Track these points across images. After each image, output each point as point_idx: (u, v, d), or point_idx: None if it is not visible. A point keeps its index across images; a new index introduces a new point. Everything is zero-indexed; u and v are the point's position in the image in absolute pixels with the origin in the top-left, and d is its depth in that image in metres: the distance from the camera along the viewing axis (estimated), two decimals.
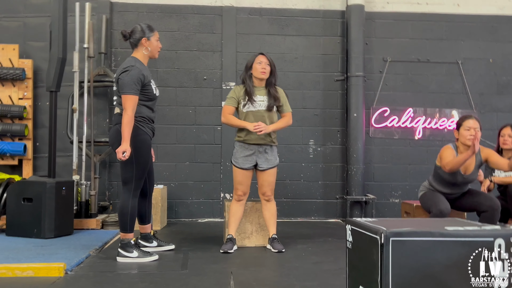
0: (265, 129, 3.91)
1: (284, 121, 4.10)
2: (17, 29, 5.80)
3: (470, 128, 3.85)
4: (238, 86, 4.12)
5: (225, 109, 4.07)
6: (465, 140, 3.87)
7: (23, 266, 3.25)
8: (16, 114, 5.48)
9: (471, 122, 3.88)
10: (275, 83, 4.12)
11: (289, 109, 4.15)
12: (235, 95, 4.06)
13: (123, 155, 3.45)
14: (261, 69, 4.00)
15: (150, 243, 4.03)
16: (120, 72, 3.61)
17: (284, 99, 4.13)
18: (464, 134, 3.88)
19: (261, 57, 4.05)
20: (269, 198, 4.14)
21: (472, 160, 3.95)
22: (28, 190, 4.57)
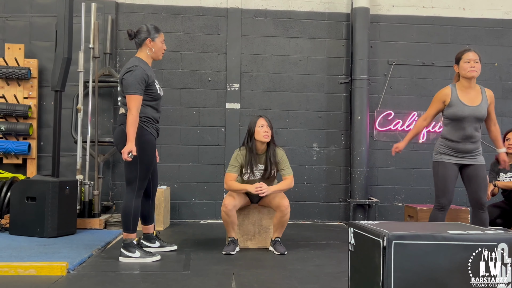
0: (267, 191, 3.99)
1: (286, 184, 4.16)
2: (23, 28, 5.83)
3: (470, 60, 3.76)
4: (240, 153, 4.15)
5: (227, 177, 4.14)
6: (466, 73, 3.75)
7: (26, 265, 3.26)
8: (21, 113, 5.50)
9: (470, 54, 3.78)
10: (274, 143, 4.17)
11: (291, 173, 4.20)
12: (237, 164, 4.14)
13: (129, 155, 3.46)
14: (263, 133, 4.06)
15: (153, 244, 4.03)
16: (124, 72, 3.62)
17: (284, 162, 4.18)
18: (464, 66, 3.77)
19: (261, 120, 4.10)
20: (287, 209, 4.08)
21: (477, 93, 3.81)
22: (31, 189, 4.58)
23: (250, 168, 4.10)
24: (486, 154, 5.91)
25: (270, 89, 6.09)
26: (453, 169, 3.81)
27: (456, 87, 3.83)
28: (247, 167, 4.12)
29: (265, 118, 4.13)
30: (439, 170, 3.85)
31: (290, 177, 4.17)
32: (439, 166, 3.87)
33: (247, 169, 4.13)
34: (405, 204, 5.60)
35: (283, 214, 4.08)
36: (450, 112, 3.79)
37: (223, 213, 4.06)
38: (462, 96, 3.77)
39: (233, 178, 4.13)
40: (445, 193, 3.80)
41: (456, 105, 3.76)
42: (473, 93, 3.80)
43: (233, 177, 4.13)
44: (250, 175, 4.13)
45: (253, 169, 4.11)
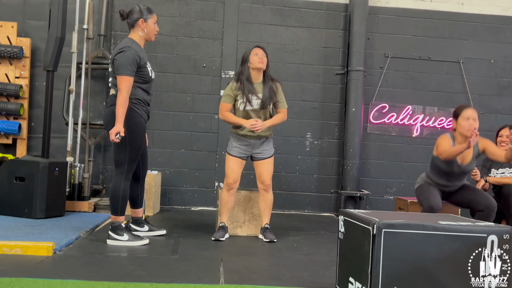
0: (262, 127, 3.92)
1: (280, 117, 4.10)
2: (17, 6, 5.74)
3: (469, 118, 3.79)
4: (234, 82, 4.07)
5: (222, 106, 4.06)
6: (463, 131, 3.80)
7: (12, 244, 3.22)
8: (12, 92, 5.43)
9: (469, 111, 3.82)
10: (271, 75, 4.10)
11: (285, 105, 4.14)
12: (231, 92, 4.04)
13: (116, 136, 3.41)
14: (258, 59, 3.98)
15: (141, 228, 4.00)
16: (115, 53, 3.56)
17: (281, 94, 4.12)
18: (462, 124, 3.82)
19: (257, 49, 4.03)
20: (268, 187, 4.10)
21: (470, 150, 3.89)
22: (20, 169, 4.53)
23: (247, 96, 3.96)
24: None
25: None
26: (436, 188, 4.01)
27: (454, 141, 3.94)
28: (242, 96, 3.98)
29: (261, 47, 4.03)
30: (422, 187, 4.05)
31: (284, 110, 4.11)
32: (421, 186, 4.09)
33: (243, 98, 3.97)
34: (396, 197, 5.59)
35: (265, 193, 4.08)
36: (442, 165, 3.92)
37: (225, 191, 4.05)
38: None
39: (228, 108, 4.03)
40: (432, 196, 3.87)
41: (449, 161, 3.87)
42: (466, 150, 3.87)
43: (228, 107, 4.03)
44: (247, 104, 3.98)
45: (250, 98, 3.96)
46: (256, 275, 2.96)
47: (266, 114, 4.08)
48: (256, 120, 3.92)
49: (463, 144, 3.73)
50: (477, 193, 3.97)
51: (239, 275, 2.92)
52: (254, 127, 3.89)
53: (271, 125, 4.05)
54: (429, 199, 3.83)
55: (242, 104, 4.00)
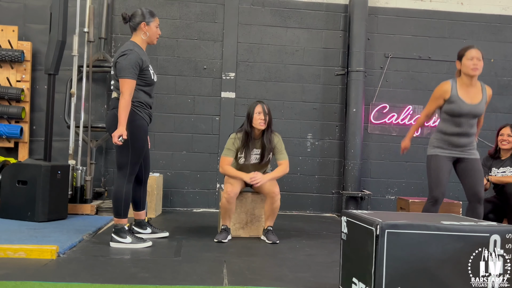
0: (261, 181, 3.98)
1: (281, 170, 4.15)
2: (17, 10, 5.75)
3: (473, 58, 3.73)
4: (237, 137, 4.13)
5: (223, 161, 4.13)
6: (468, 70, 3.71)
7: (15, 247, 3.23)
8: (14, 96, 5.44)
9: (474, 51, 3.74)
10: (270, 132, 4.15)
11: (286, 158, 4.18)
12: (233, 147, 4.12)
13: (119, 139, 3.42)
14: (259, 120, 4.05)
15: (144, 230, 4.01)
16: (118, 56, 3.57)
17: (280, 147, 4.17)
18: (467, 64, 3.74)
19: (259, 107, 4.08)
20: (277, 196, 4.08)
21: (478, 90, 3.80)
22: (23, 172, 4.54)
23: (245, 153, 4.09)
24: (479, 149, 5.95)
25: (266, 79, 6.06)
26: (446, 163, 3.81)
27: (456, 83, 3.80)
28: (242, 151, 4.11)
29: (263, 105, 4.10)
30: (432, 163, 3.85)
31: (285, 162, 4.15)
32: (432, 159, 3.86)
33: (242, 154, 4.11)
34: (398, 197, 5.60)
35: (273, 200, 4.07)
36: (448, 108, 3.78)
37: (224, 200, 4.04)
38: (462, 93, 3.76)
39: (229, 162, 4.11)
40: (438, 186, 3.79)
41: (455, 102, 3.74)
42: (473, 91, 3.79)
43: (229, 161, 4.11)
44: (246, 159, 4.12)
45: (249, 154, 4.11)
46: (259, 276, 2.97)
47: (264, 167, 4.25)
48: (256, 173, 4.01)
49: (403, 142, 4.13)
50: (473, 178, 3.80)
51: (242, 277, 2.93)
52: (253, 180, 3.97)
53: (272, 179, 4.09)
54: (434, 189, 3.77)
55: (241, 159, 4.14)
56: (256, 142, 4.14)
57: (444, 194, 3.80)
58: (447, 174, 3.83)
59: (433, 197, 3.79)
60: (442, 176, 3.80)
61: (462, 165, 3.83)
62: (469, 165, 3.81)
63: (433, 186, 3.81)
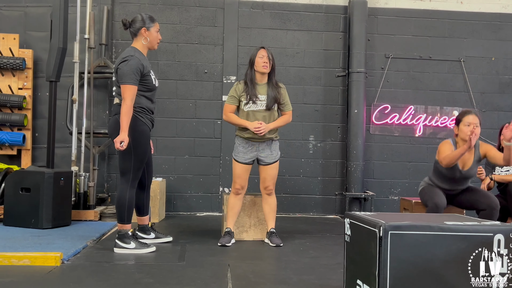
0: (266, 129, 3.94)
1: (284, 119, 4.13)
2: (18, 18, 5.78)
3: (470, 124, 3.82)
4: (239, 83, 4.10)
5: (226, 108, 4.09)
6: (465, 136, 3.84)
7: (20, 255, 3.24)
8: (16, 104, 5.46)
9: (471, 117, 3.85)
10: (275, 79, 4.11)
11: (290, 108, 4.17)
12: (236, 94, 4.06)
13: (120, 145, 3.43)
14: (262, 63, 4.01)
15: (148, 235, 4.02)
16: (119, 62, 3.59)
17: (285, 97, 4.13)
18: (463, 129, 3.85)
19: (262, 51, 4.05)
20: (271, 192, 4.15)
21: (471, 155, 3.93)
22: (26, 180, 4.55)
23: (250, 98, 3.99)
24: None
25: None
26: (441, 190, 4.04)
27: (455, 146, 3.96)
28: (246, 96, 4.01)
29: (266, 49, 4.05)
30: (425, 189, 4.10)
31: (289, 112, 4.14)
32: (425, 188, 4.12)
33: (247, 99, 4.01)
34: (401, 197, 5.59)
35: (267, 197, 4.12)
36: (443, 170, 3.95)
37: (233, 196, 4.07)
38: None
39: (232, 110, 4.06)
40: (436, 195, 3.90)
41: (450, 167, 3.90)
42: (467, 156, 3.91)
43: (232, 108, 4.06)
44: (251, 104, 4.02)
45: (253, 100, 4.00)
46: (263, 280, 2.97)
47: (271, 116, 4.08)
48: (260, 123, 3.94)
49: (463, 145, 3.75)
50: (478, 193, 3.98)
51: (246, 280, 2.93)
52: (257, 130, 3.91)
53: (275, 127, 4.06)
54: (434, 198, 3.85)
55: (246, 105, 4.03)
56: (260, 87, 4.04)
57: (444, 202, 3.86)
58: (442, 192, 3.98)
59: (434, 203, 3.81)
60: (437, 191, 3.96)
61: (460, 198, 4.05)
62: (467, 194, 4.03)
63: (431, 196, 3.93)
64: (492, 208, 3.85)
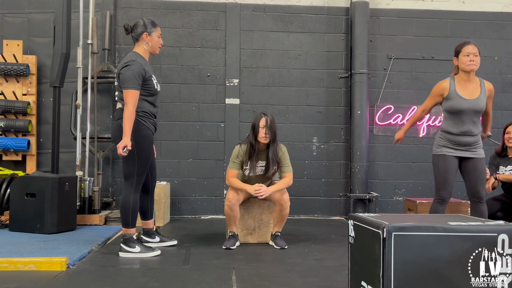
0: (266, 193, 3.98)
1: (285, 182, 4.14)
2: (21, 25, 5.82)
3: (470, 54, 3.73)
4: (241, 149, 4.13)
5: (228, 173, 4.14)
6: (464, 66, 3.73)
7: (26, 260, 3.26)
8: (20, 110, 5.49)
9: (470, 47, 3.76)
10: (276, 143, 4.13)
11: (290, 170, 4.18)
12: (238, 160, 4.13)
13: (123, 150, 3.45)
14: (263, 135, 4.04)
15: (153, 239, 4.03)
16: (121, 67, 3.61)
17: (285, 159, 4.16)
18: (463, 59, 3.76)
19: (263, 121, 4.05)
20: (287, 203, 4.09)
21: (476, 86, 3.80)
22: (31, 185, 4.57)
23: (250, 164, 4.10)
24: (486, 147, 5.91)
25: (269, 84, 6.07)
26: (453, 162, 3.80)
27: (454, 80, 3.81)
28: (247, 163, 4.12)
29: (267, 119, 4.05)
30: (440, 163, 3.84)
31: (289, 175, 4.16)
32: (439, 159, 3.85)
33: (247, 165, 4.12)
34: (405, 198, 5.59)
35: (283, 208, 4.08)
36: (448, 106, 3.79)
37: (227, 207, 4.05)
38: (460, 89, 3.76)
39: (234, 175, 4.13)
40: (445, 186, 3.79)
41: (454, 98, 3.75)
42: (472, 86, 3.79)
43: (234, 173, 4.13)
44: (251, 171, 4.12)
45: (254, 166, 4.11)
46: (268, 282, 2.97)
47: (271, 178, 4.24)
48: (260, 185, 4.01)
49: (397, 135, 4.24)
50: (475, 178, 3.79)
51: (251, 283, 2.94)
52: (257, 193, 3.97)
53: (275, 191, 4.07)
54: (441, 190, 3.78)
55: (247, 170, 4.14)
56: (261, 154, 4.14)
57: (451, 194, 3.81)
58: (454, 174, 3.83)
59: (440, 197, 3.79)
60: (449, 176, 3.80)
61: (466, 164, 3.83)
62: (472, 165, 3.81)
63: (440, 186, 3.81)
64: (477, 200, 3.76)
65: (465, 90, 3.76)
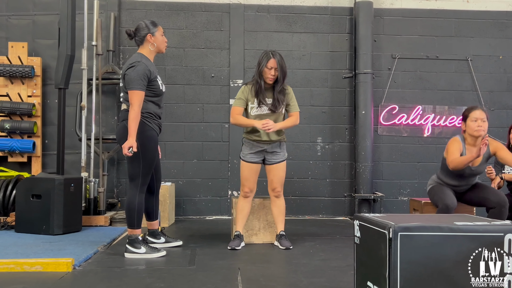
0: (273, 127, 3.92)
1: (291, 121, 4.12)
2: (26, 27, 5.84)
3: (477, 119, 3.80)
4: (246, 86, 4.11)
5: (233, 110, 4.10)
6: (472, 132, 3.82)
7: (32, 261, 3.27)
8: (25, 111, 5.51)
9: (477, 113, 3.83)
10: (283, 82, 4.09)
11: (297, 109, 4.16)
12: (243, 96, 4.08)
13: (129, 150, 3.46)
14: (270, 76, 4.01)
15: (158, 239, 4.04)
16: (126, 68, 3.62)
17: (292, 98, 4.13)
18: (470, 125, 3.83)
19: (272, 62, 4.01)
20: (279, 194, 4.14)
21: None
22: (37, 186, 4.59)
23: (258, 101, 4.02)
24: None
25: None
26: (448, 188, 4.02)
27: (464, 142, 3.96)
28: (254, 101, 4.04)
29: (276, 60, 3.99)
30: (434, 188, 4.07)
31: (296, 113, 4.13)
32: (433, 188, 4.09)
33: (254, 103, 4.05)
34: (410, 198, 5.57)
35: (276, 199, 4.12)
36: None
37: (242, 199, 4.08)
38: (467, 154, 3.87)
39: (239, 112, 4.07)
40: (446, 195, 3.86)
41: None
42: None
43: (240, 110, 4.07)
44: (258, 109, 4.05)
45: (261, 103, 4.02)
46: (273, 283, 2.97)
47: (278, 119, 4.09)
48: (267, 120, 3.93)
49: (472, 153, 3.72)
50: (487, 190, 3.96)
51: (257, 284, 2.94)
52: (265, 126, 3.89)
53: (283, 127, 4.06)
54: (444, 198, 3.83)
55: (253, 108, 4.06)
56: (267, 92, 4.06)
57: (454, 203, 3.84)
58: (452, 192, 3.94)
59: (445, 204, 3.79)
60: (447, 191, 3.92)
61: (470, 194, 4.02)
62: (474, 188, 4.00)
63: (441, 197, 3.89)
64: (501, 206, 3.81)
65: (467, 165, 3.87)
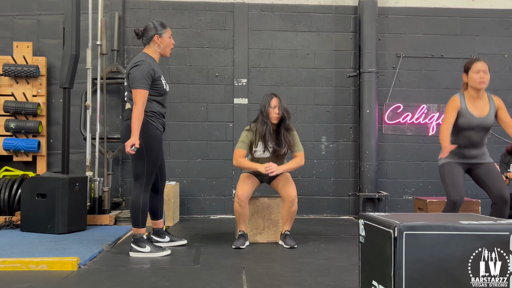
0: (277, 171, 3.96)
1: (296, 161, 4.13)
2: (31, 26, 5.86)
3: (480, 71, 3.72)
4: (251, 130, 4.11)
5: (236, 153, 4.11)
6: (475, 83, 3.73)
7: (37, 260, 3.28)
8: (30, 111, 5.53)
9: (480, 64, 3.75)
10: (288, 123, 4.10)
11: (301, 149, 4.17)
12: (247, 140, 4.10)
13: (131, 148, 3.46)
14: (274, 115, 4.03)
15: (163, 238, 4.04)
16: (130, 67, 3.63)
17: (296, 139, 4.16)
18: (473, 77, 3.75)
19: (274, 101, 4.03)
20: (294, 200, 4.07)
21: (485, 102, 3.81)
22: (42, 186, 4.61)
23: (261, 145, 4.05)
24: (497, 145, 5.88)
25: (277, 83, 6.07)
26: (458, 166, 3.84)
27: (464, 97, 3.84)
28: (257, 144, 4.07)
29: (278, 98, 4.04)
30: (445, 169, 3.89)
31: (300, 154, 4.14)
32: (444, 167, 3.91)
33: (258, 146, 4.07)
34: (415, 197, 5.56)
35: (291, 204, 4.07)
36: (458, 122, 3.81)
37: (236, 204, 4.05)
38: (470, 106, 3.79)
39: (243, 155, 4.09)
40: (455, 189, 3.76)
41: (464, 115, 3.78)
42: (481, 104, 3.81)
43: (243, 153, 4.09)
44: (262, 152, 4.08)
45: (264, 146, 4.05)
46: (278, 282, 2.97)
47: (281, 161, 4.16)
48: (270, 164, 3.97)
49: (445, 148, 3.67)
50: (494, 180, 3.80)
51: (261, 283, 2.94)
52: (268, 170, 3.93)
53: (287, 170, 4.10)
54: (452, 193, 3.75)
55: (256, 152, 4.11)
56: (271, 134, 4.09)
57: (462, 197, 3.75)
58: (461, 176, 3.83)
59: (452, 201, 3.75)
60: (456, 179, 3.80)
61: (477, 171, 3.84)
62: (485, 169, 3.82)
63: (450, 190, 3.79)
64: (502, 202, 3.72)
65: (475, 108, 3.79)
